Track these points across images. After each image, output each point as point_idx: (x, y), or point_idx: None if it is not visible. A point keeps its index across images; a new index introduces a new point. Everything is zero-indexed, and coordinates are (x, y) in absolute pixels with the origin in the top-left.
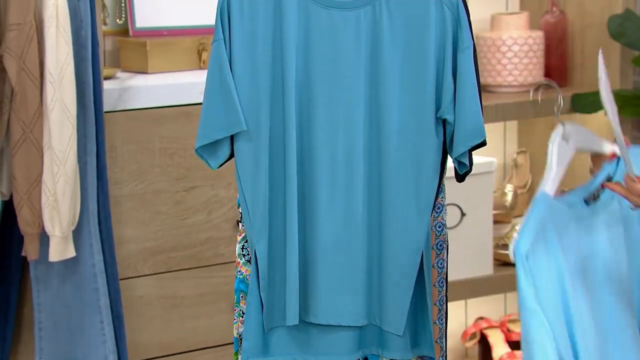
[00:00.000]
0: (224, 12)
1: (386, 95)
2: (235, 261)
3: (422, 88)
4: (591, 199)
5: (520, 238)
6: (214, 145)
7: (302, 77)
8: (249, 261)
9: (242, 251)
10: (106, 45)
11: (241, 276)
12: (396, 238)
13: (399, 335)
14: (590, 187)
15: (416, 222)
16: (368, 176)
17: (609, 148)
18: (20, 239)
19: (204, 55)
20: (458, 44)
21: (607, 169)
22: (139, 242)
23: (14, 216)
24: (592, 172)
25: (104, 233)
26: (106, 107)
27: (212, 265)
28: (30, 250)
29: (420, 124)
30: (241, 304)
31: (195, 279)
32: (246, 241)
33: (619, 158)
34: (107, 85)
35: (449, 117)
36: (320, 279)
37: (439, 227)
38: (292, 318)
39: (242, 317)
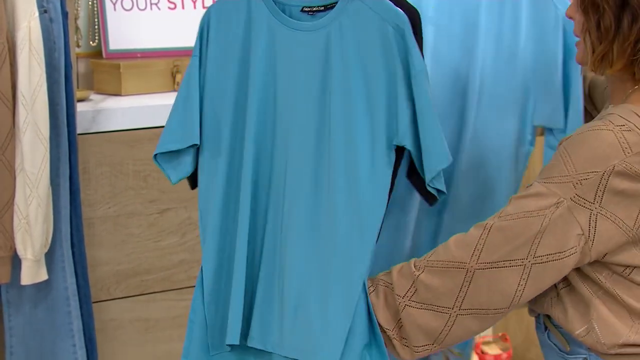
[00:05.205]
0: (204, 29)
1: (335, 120)
2: None
3: (372, 114)
4: None
5: None
6: (176, 157)
7: (266, 97)
8: None
9: None
10: (79, 67)
11: None
12: (338, 266)
13: None
14: None
15: (359, 251)
16: (313, 202)
17: None
18: None
19: (178, 77)
20: (410, 68)
21: None
22: (112, 265)
23: None
24: None
25: (76, 256)
26: (79, 129)
27: (185, 287)
28: (1, 274)
29: (371, 151)
30: None
31: (169, 302)
32: None
33: None
34: (80, 107)
35: (407, 143)
36: (260, 305)
37: None
38: (233, 337)
39: None
